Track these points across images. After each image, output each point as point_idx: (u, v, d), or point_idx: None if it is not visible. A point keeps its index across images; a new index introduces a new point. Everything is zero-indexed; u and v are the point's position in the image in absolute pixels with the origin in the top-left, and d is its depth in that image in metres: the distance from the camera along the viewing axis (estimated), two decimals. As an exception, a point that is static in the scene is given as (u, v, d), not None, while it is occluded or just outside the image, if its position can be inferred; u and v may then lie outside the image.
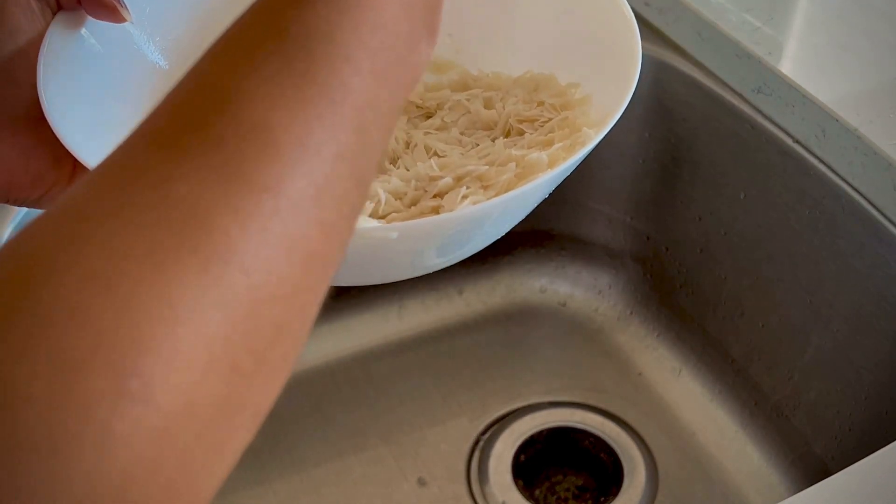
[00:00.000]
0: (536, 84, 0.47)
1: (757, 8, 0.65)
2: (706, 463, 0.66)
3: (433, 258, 0.41)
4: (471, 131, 0.47)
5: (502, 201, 0.37)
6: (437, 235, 0.38)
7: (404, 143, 0.47)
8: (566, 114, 0.45)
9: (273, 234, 0.22)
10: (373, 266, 0.40)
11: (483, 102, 0.47)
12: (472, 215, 0.37)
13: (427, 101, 0.50)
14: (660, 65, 0.66)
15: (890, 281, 0.55)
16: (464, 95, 0.48)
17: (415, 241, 0.37)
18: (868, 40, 0.63)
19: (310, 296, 0.24)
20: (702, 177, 0.67)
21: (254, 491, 0.64)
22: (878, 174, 0.54)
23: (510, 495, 0.63)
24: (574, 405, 0.69)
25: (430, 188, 0.41)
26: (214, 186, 0.22)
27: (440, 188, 0.41)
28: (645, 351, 0.73)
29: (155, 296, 0.20)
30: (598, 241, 0.76)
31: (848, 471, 0.40)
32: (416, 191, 0.41)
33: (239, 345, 0.21)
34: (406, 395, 0.70)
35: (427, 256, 0.40)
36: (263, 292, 0.22)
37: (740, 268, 0.66)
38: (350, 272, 0.40)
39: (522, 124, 0.45)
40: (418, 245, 0.38)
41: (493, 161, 0.42)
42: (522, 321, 0.76)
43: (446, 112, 0.48)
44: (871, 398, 0.58)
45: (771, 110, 0.60)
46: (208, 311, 0.20)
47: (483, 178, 0.41)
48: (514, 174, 0.41)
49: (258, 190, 0.22)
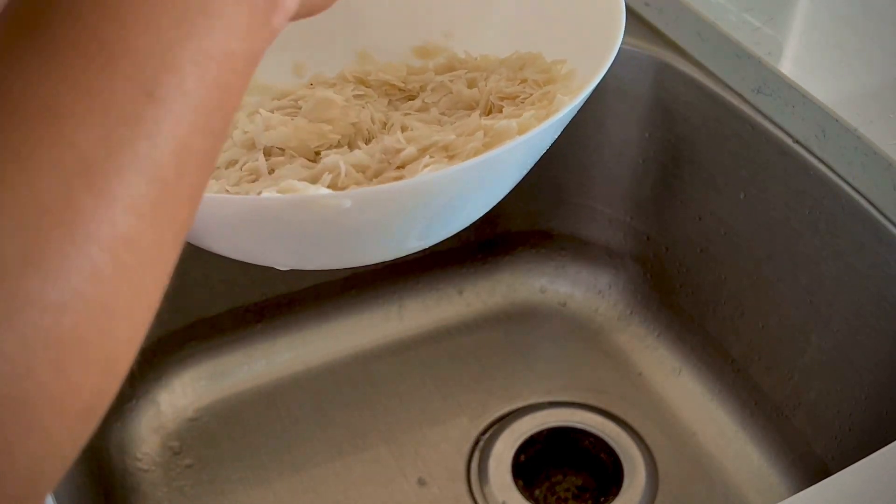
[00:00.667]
0: (523, 63, 0.46)
1: (757, 8, 0.65)
2: (706, 463, 0.66)
3: (403, 236, 0.39)
4: (452, 111, 0.46)
5: (462, 168, 0.35)
6: (396, 206, 0.36)
7: (381, 124, 0.46)
8: (548, 88, 0.44)
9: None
10: (337, 242, 0.38)
11: (467, 83, 0.47)
12: (429, 183, 0.35)
13: (410, 83, 0.49)
14: (660, 65, 0.66)
15: (890, 281, 0.55)
16: (447, 77, 0.48)
17: (372, 211, 0.35)
18: (868, 40, 0.63)
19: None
20: (702, 177, 0.67)
21: (254, 491, 0.64)
22: (878, 174, 0.54)
23: (510, 495, 0.63)
24: (574, 405, 0.69)
25: (394, 160, 0.40)
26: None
27: (403, 159, 0.40)
28: (645, 351, 0.73)
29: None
30: (598, 241, 0.76)
31: (848, 471, 0.40)
32: (381, 164, 0.40)
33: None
34: (406, 395, 0.70)
35: (394, 233, 0.38)
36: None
37: (740, 268, 0.66)
38: (316, 250, 0.39)
39: (504, 101, 0.44)
40: (378, 216, 0.36)
41: (462, 132, 0.41)
42: (522, 321, 0.76)
43: (428, 93, 0.48)
44: (871, 398, 0.58)
45: (771, 110, 0.60)
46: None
47: (449, 147, 0.40)
48: (481, 143, 0.39)
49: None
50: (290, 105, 0.48)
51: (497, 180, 0.39)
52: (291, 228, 0.36)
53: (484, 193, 0.39)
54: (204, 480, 0.64)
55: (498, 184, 0.39)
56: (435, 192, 0.36)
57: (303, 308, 0.74)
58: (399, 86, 0.49)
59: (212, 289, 0.70)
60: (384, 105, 0.48)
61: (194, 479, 0.64)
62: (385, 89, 0.50)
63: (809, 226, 0.60)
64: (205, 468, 0.65)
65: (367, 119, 0.46)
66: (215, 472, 0.65)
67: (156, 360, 0.69)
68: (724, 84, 0.63)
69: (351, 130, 0.46)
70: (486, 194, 0.39)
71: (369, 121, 0.46)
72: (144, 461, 0.65)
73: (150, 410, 0.67)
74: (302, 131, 0.45)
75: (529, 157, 0.39)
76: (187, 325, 0.70)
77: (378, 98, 0.49)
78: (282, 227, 0.36)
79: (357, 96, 0.48)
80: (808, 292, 0.61)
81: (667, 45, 0.67)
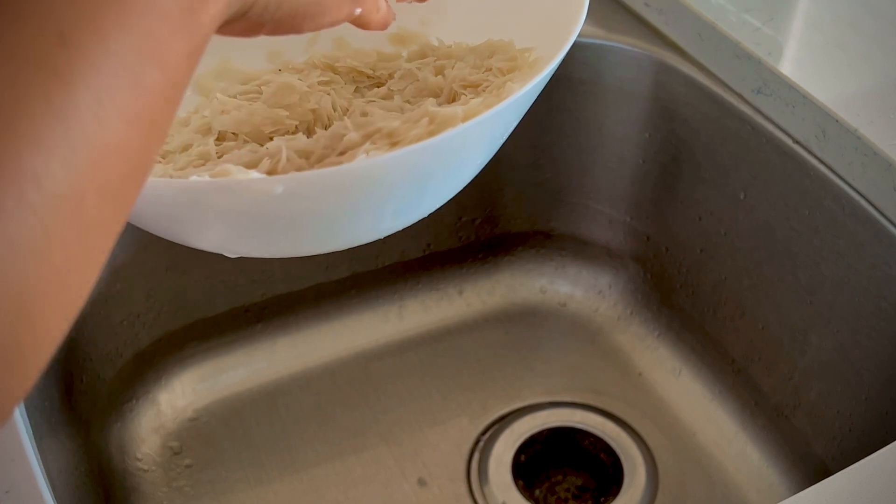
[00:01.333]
0: (493, 51, 0.46)
1: (757, 8, 0.65)
2: (706, 463, 0.66)
3: (348, 225, 0.38)
4: (417, 99, 0.45)
5: (397, 155, 0.34)
6: (331, 193, 0.35)
7: (343, 111, 0.45)
8: (510, 77, 0.43)
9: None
10: (275, 229, 0.37)
11: (434, 71, 0.46)
12: (363, 170, 0.34)
13: (378, 70, 0.49)
14: (660, 65, 0.66)
15: (890, 281, 0.55)
16: (415, 64, 0.47)
17: (307, 198, 0.34)
18: (868, 40, 0.63)
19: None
20: (702, 177, 0.67)
21: (254, 491, 0.64)
22: (878, 174, 0.54)
23: (510, 495, 0.63)
24: (574, 405, 0.69)
25: (338, 147, 0.39)
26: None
27: (345, 145, 0.38)
28: (645, 351, 0.73)
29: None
30: (598, 241, 0.76)
31: (848, 471, 0.40)
32: (325, 150, 0.39)
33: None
34: (406, 395, 0.70)
35: (336, 222, 0.37)
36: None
37: (740, 268, 0.66)
38: (255, 237, 0.38)
39: (466, 89, 0.44)
40: (314, 204, 0.35)
41: (409, 119, 0.40)
42: (522, 321, 0.76)
43: (395, 81, 0.47)
44: (871, 398, 0.58)
45: (771, 110, 0.60)
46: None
47: (393, 134, 0.38)
48: (425, 130, 0.38)
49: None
50: (253, 90, 0.48)
51: (447, 168, 0.38)
52: (226, 214, 0.35)
53: (436, 182, 0.38)
54: (204, 480, 0.64)
55: (451, 172, 0.38)
56: (372, 179, 0.35)
57: (303, 308, 0.74)
58: (367, 73, 0.48)
59: (212, 289, 0.70)
60: (350, 92, 0.47)
61: (194, 479, 0.64)
62: (353, 76, 0.49)
63: (809, 226, 0.60)
64: (205, 468, 0.65)
65: (327, 105, 0.45)
66: (215, 472, 0.65)
67: (156, 360, 0.69)
68: (724, 84, 0.63)
69: (310, 117, 0.45)
70: (440, 183, 0.38)
71: (330, 107, 0.45)
72: (144, 461, 0.65)
73: (150, 410, 0.67)
74: (256, 116, 0.44)
75: (481, 145, 0.38)
76: (187, 325, 0.70)
77: (345, 85, 0.48)
78: (216, 212, 0.35)
79: (323, 83, 0.47)
80: (808, 292, 0.61)
81: (667, 45, 0.67)
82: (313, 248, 0.41)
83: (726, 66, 0.63)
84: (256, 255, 0.41)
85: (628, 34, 0.68)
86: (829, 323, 0.60)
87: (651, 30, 0.68)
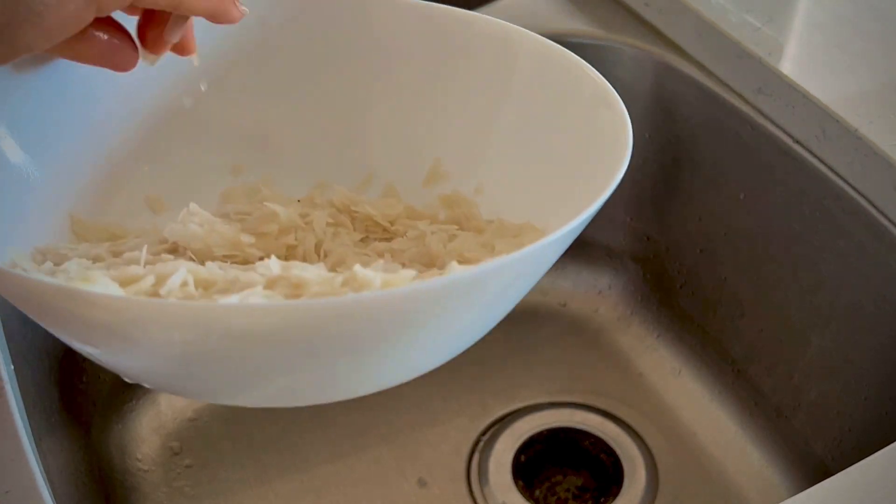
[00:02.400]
0: (517, 232, 0.44)
1: (757, 8, 0.65)
2: (706, 463, 0.66)
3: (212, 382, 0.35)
4: (412, 263, 0.44)
5: (261, 308, 0.31)
6: (181, 330, 0.31)
7: (325, 253, 0.44)
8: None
9: None
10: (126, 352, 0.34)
11: (449, 238, 0.45)
12: (213, 311, 0.31)
13: (397, 224, 0.47)
14: (660, 65, 0.66)
15: (890, 281, 0.55)
16: (431, 228, 0.46)
17: (152, 326, 0.31)
18: (868, 40, 0.63)
19: None
20: (702, 177, 0.67)
21: (254, 491, 0.64)
22: (878, 174, 0.54)
23: (510, 495, 0.63)
24: (574, 406, 0.69)
25: (237, 285, 0.36)
26: None
27: (243, 283, 0.36)
28: (645, 351, 0.73)
29: None
30: (598, 241, 0.76)
31: (848, 471, 0.40)
32: (226, 283, 0.36)
33: None
34: (406, 395, 0.70)
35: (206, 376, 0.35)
36: None
37: (740, 268, 0.66)
38: (113, 353, 0.35)
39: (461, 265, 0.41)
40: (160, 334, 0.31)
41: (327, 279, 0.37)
42: (522, 321, 0.76)
43: (402, 241, 0.46)
44: (871, 398, 0.58)
45: (771, 110, 0.60)
46: None
47: (300, 285, 0.36)
48: (330, 288, 0.35)
49: None
50: (245, 212, 0.46)
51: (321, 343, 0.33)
52: (81, 324, 0.33)
53: (301, 359, 0.34)
54: (204, 480, 0.64)
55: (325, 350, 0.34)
56: (218, 323, 0.30)
57: (303, 308, 0.74)
58: (384, 224, 0.46)
59: (212, 289, 0.70)
60: (353, 239, 0.46)
61: (194, 479, 0.64)
62: (367, 224, 0.47)
63: (809, 226, 0.60)
64: (205, 468, 0.65)
65: (309, 245, 0.43)
66: (215, 473, 0.65)
67: (156, 360, 0.69)
68: (725, 84, 0.63)
69: (283, 251, 0.43)
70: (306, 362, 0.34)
71: (311, 247, 0.43)
72: (144, 461, 0.65)
73: (150, 410, 0.67)
74: (213, 235, 0.42)
75: (393, 321, 0.33)
76: (187, 326, 0.70)
77: (352, 231, 0.46)
78: (73, 320, 0.32)
79: (330, 224, 0.46)
80: (808, 292, 0.61)
81: (667, 45, 0.67)
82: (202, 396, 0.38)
83: (726, 66, 0.63)
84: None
85: (628, 34, 0.68)
86: (829, 323, 0.60)
87: (651, 30, 0.68)
